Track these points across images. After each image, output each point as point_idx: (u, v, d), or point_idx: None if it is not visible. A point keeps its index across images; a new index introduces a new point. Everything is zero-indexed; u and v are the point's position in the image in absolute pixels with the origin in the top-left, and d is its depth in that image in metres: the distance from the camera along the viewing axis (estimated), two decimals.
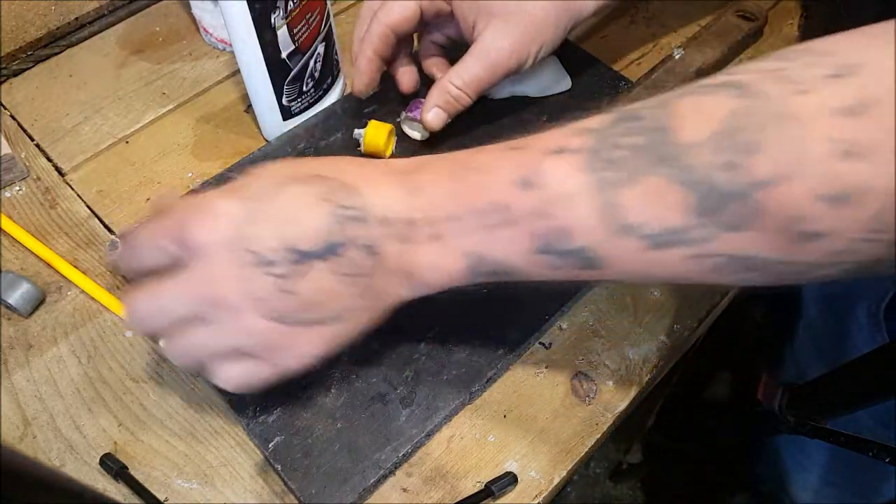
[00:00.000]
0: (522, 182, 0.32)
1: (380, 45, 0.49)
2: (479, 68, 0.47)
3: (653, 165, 0.29)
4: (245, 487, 0.42)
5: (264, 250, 0.32)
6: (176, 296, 0.34)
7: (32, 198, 0.54)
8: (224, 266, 0.32)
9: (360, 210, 0.33)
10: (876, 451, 0.49)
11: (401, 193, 0.34)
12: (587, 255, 0.32)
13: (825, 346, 0.64)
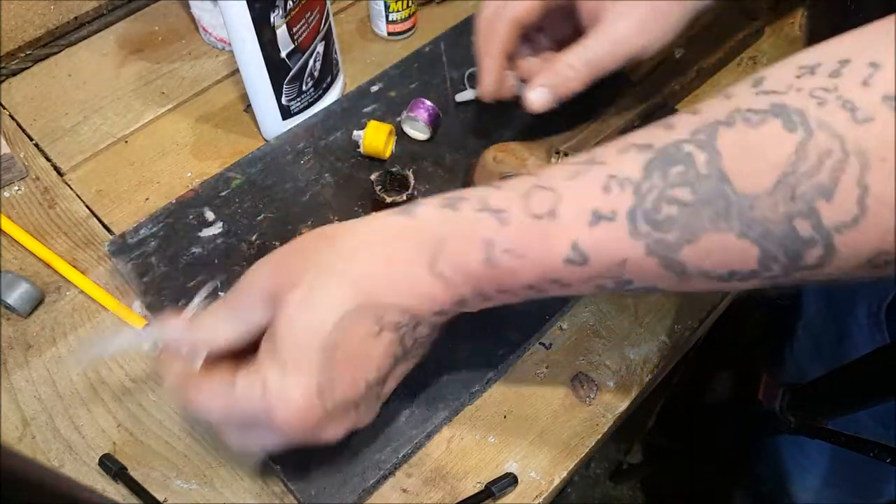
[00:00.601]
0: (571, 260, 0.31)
1: (507, 42, 0.47)
2: (599, 48, 0.44)
3: (715, 222, 0.27)
4: (244, 488, 0.42)
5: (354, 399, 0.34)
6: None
7: (31, 197, 0.54)
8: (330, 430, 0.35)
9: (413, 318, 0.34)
10: (876, 451, 0.49)
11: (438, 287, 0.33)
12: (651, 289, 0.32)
13: (825, 346, 0.63)
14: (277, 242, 0.49)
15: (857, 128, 0.25)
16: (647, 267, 0.30)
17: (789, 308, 0.71)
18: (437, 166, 0.53)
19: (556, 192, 0.31)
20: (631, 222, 0.29)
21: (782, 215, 0.26)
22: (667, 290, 0.33)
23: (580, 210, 0.30)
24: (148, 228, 0.50)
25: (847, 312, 0.61)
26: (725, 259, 0.28)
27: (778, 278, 0.28)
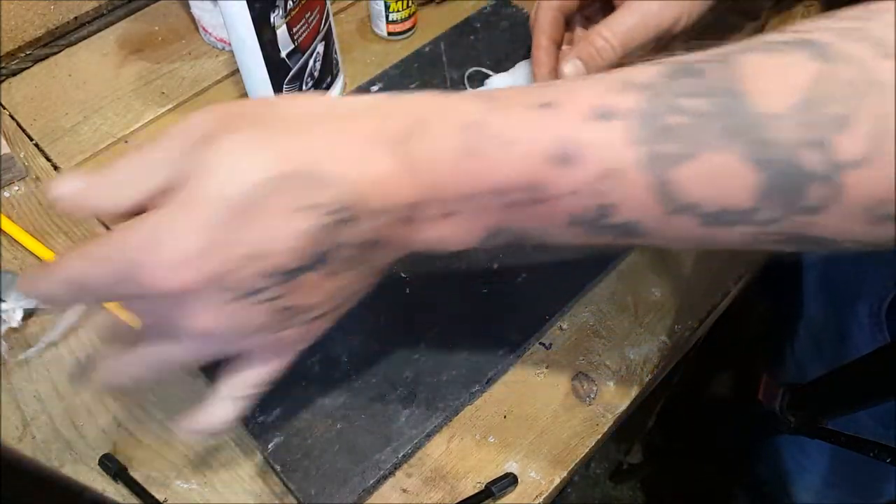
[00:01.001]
0: (558, 158, 0.27)
1: (552, 31, 0.47)
2: (632, 20, 0.44)
3: (721, 138, 0.25)
4: (244, 488, 0.42)
5: (245, 284, 0.27)
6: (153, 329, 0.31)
7: (31, 197, 0.54)
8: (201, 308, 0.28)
9: (348, 210, 0.27)
10: (877, 451, 0.49)
11: (398, 172, 0.27)
12: (631, 228, 0.28)
13: (826, 346, 0.63)
14: None
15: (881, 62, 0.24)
16: (634, 185, 0.26)
17: (790, 307, 0.71)
18: None
19: (561, 88, 0.28)
20: (632, 125, 0.26)
21: (793, 141, 0.24)
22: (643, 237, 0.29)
23: (581, 105, 0.27)
24: None
25: (848, 312, 0.61)
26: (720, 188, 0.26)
27: (770, 227, 0.26)
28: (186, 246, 0.26)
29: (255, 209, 0.26)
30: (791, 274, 0.71)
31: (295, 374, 0.43)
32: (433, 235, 0.30)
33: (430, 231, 0.30)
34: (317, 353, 0.44)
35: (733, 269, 0.51)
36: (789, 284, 0.72)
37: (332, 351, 0.45)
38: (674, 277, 0.50)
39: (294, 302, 0.29)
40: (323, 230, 0.27)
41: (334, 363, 0.44)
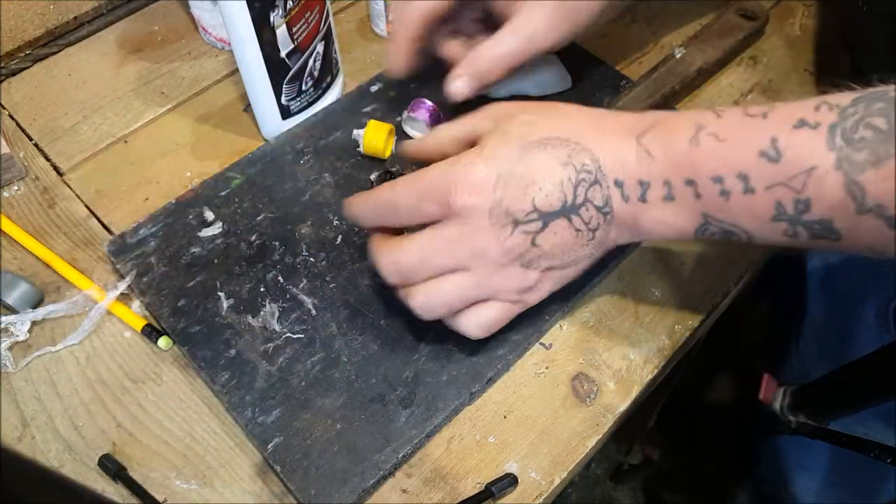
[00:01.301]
0: (766, 153, 0.33)
1: (415, 31, 0.50)
2: (514, 43, 0.47)
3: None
4: (244, 488, 0.42)
5: (518, 212, 0.37)
6: (443, 250, 0.38)
7: (31, 197, 0.54)
8: (485, 225, 0.37)
9: (596, 174, 0.36)
10: (877, 451, 0.49)
11: (636, 155, 0.36)
12: (826, 227, 0.33)
13: (831, 346, 0.63)
14: (277, 242, 0.49)
15: None
16: (828, 183, 0.31)
17: (794, 308, 0.71)
18: None
19: (772, 105, 0.34)
20: (830, 134, 0.31)
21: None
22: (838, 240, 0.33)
23: (788, 116, 0.33)
24: (147, 228, 0.49)
25: (854, 313, 0.61)
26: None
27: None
28: (485, 175, 0.37)
29: (532, 159, 0.37)
30: (793, 276, 0.71)
31: (295, 374, 0.43)
32: (655, 217, 0.37)
33: (653, 213, 0.37)
34: (316, 353, 0.44)
35: (733, 269, 0.51)
36: (792, 286, 0.72)
37: (332, 351, 0.45)
38: (674, 277, 0.50)
39: (542, 243, 0.37)
40: (574, 185, 0.36)
41: (334, 363, 0.44)
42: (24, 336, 0.46)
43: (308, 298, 0.47)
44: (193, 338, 0.45)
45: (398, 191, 0.39)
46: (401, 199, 0.39)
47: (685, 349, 0.50)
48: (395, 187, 0.40)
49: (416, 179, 0.39)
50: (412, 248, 0.39)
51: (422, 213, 0.39)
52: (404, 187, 0.39)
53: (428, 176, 0.38)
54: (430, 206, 0.38)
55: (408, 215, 0.40)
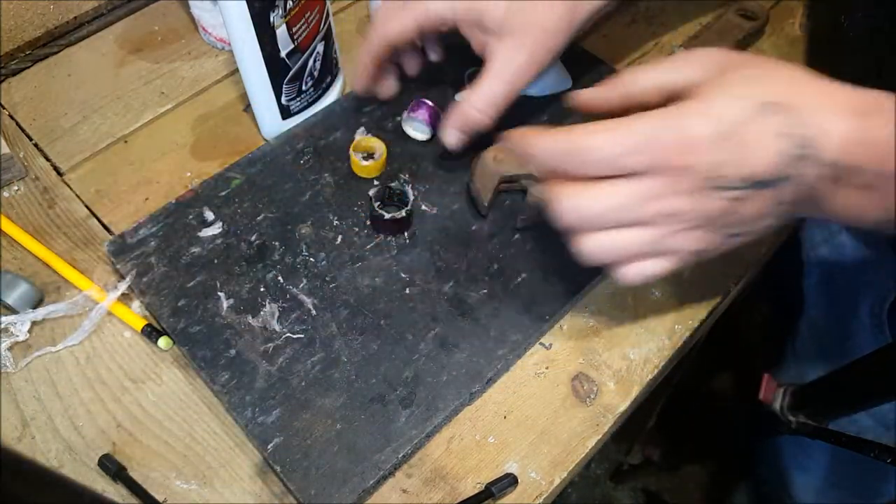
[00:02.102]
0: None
1: (376, 53, 0.51)
2: (499, 87, 0.47)
3: None
4: (244, 488, 0.42)
5: (723, 177, 0.35)
6: (634, 205, 0.36)
7: (31, 197, 0.54)
8: (687, 185, 0.35)
9: (810, 150, 0.34)
10: (877, 451, 0.49)
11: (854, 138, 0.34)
12: None
13: (828, 346, 0.63)
14: (277, 242, 0.49)
15: None
16: None
17: (791, 308, 0.71)
18: (437, 166, 0.53)
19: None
20: None
21: None
22: None
23: None
24: (147, 228, 0.49)
25: (850, 312, 0.61)
26: None
27: None
28: (704, 134, 0.34)
29: (753, 123, 0.34)
30: (792, 275, 0.71)
31: (295, 374, 0.43)
32: (849, 202, 0.36)
33: (848, 198, 0.36)
34: (316, 353, 0.44)
35: (733, 270, 0.51)
36: (790, 285, 0.72)
37: (332, 351, 0.45)
38: (674, 278, 0.50)
39: (740, 210, 0.36)
40: (789, 158, 0.34)
41: (334, 363, 0.44)
42: (24, 336, 0.46)
43: (308, 298, 0.47)
44: (193, 338, 0.45)
45: (599, 138, 0.36)
46: (602, 148, 0.36)
47: (685, 349, 0.50)
48: (594, 134, 0.36)
49: (622, 130, 0.36)
50: (600, 197, 0.36)
51: (621, 165, 0.36)
52: (608, 136, 0.36)
53: (638, 128, 0.35)
54: (634, 159, 0.35)
55: (603, 166, 0.36)
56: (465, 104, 0.49)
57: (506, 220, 0.51)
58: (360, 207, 0.51)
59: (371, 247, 0.49)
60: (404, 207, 0.49)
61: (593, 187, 0.37)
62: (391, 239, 0.49)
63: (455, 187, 0.52)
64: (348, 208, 0.51)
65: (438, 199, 0.52)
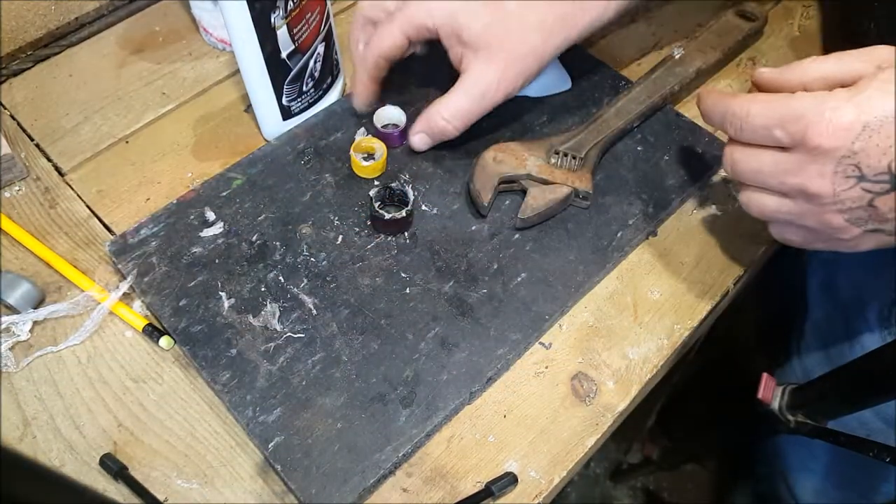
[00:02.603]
0: None
1: (374, 71, 0.52)
2: (467, 102, 0.49)
3: None
4: (245, 488, 0.42)
5: (868, 169, 0.36)
6: (773, 173, 0.40)
7: (32, 198, 0.54)
8: (828, 170, 0.37)
9: None
10: (876, 451, 0.49)
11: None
12: None
13: (834, 348, 0.63)
14: (278, 242, 0.49)
15: None
16: None
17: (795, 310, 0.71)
18: (437, 166, 0.53)
19: None
20: None
21: None
22: None
23: None
24: (149, 228, 0.50)
25: (856, 314, 0.61)
26: None
27: None
28: (851, 122, 0.36)
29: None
30: (795, 276, 0.71)
31: (295, 373, 0.44)
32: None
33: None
34: (317, 352, 0.45)
35: (732, 270, 0.51)
36: (793, 286, 0.72)
37: (333, 350, 0.45)
38: (673, 277, 0.50)
39: (880, 205, 0.37)
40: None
41: (335, 363, 0.44)
42: (25, 336, 0.46)
43: (309, 298, 0.47)
44: (194, 337, 0.45)
45: (755, 108, 0.39)
46: (755, 117, 0.39)
47: (684, 349, 0.50)
48: (753, 103, 0.40)
49: (776, 103, 0.39)
50: (750, 160, 0.41)
51: (770, 136, 0.39)
52: (763, 107, 0.39)
53: (791, 104, 0.38)
54: (782, 133, 0.38)
55: (753, 134, 0.40)
56: (432, 110, 0.50)
57: (506, 220, 0.51)
58: (360, 208, 0.51)
59: (371, 247, 0.49)
60: (404, 207, 0.49)
61: (747, 150, 0.41)
62: (391, 239, 0.50)
63: (455, 187, 0.52)
64: (349, 208, 0.51)
65: (438, 199, 0.52)
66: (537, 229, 0.50)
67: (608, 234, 0.50)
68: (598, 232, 0.50)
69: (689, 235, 0.52)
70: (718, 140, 0.55)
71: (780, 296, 0.82)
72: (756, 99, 0.40)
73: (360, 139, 0.53)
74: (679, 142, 0.55)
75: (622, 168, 0.54)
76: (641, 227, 0.51)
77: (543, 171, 0.51)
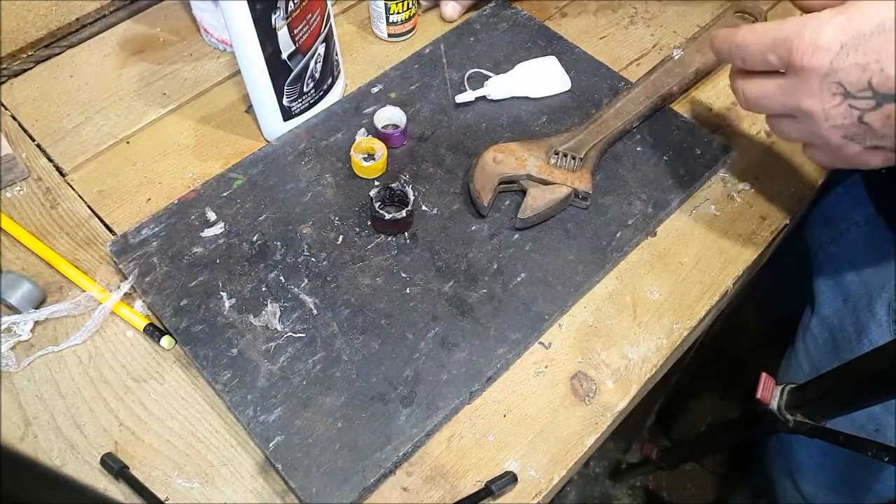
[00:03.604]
0: None
1: None
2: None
3: None
4: (246, 487, 0.42)
5: (851, 87, 0.38)
6: (775, 97, 0.42)
7: (33, 198, 0.54)
8: (815, 88, 0.39)
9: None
10: (874, 450, 0.49)
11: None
12: None
13: (844, 345, 0.63)
14: (278, 242, 0.49)
15: None
16: None
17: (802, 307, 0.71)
18: (437, 166, 0.54)
19: None
20: None
21: None
22: None
23: None
24: (150, 228, 0.50)
25: (865, 311, 0.61)
26: None
27: None
28: (829, 42, 0.38)
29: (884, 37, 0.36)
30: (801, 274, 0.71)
31: (296, 373, 0.44)
32: None
33: None
34: (318, 352, 0.45)
35: (731, 270, 0.51)
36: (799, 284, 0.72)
37: (333, 350, 0.45)
38: (672, 277, 0.50)
39: (869, 119, 0.39)
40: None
41: (335, 362, 0.44)
42: (26, 336, 0.47)
43: (309, 298, 0.47)
44: (195, 337, 0.45)
45: (751, 36, 0.42)
46: (751, 44, 0.42)
47: (683, 348, 0.50)
48: (748, 34, 0.42)
49: (769, 30, 0.41)
50: (756, 88, 0.43)
51: (765, 62, 0.42)
52: (758, 35, 0.42)
53: (779, 29, 0.40)
54: (772, 57, 0.41)
55: (752, 62, 0.43)
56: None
57: (506, 220, 0.51)
58: (360, 208, 0.51)
59: (372, 247, 0.50)
60: (405, 208, 0.49)
61: (751, 79, 0.44)
62: (391, 239, 0.50)
63: (455, 187, 0.53)
64: (349, 209, 0.51)
65: (438, 199, 0.52)
66: (537, 229, 0.51)
67: (607, 234, 0.50)
68: (597, 232, 0.51)
69: (689, 235, 0.52)
70: (718, 140, 0.55)
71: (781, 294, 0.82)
72: (753, 28, 0.42)
73: (360, 139, 0.53)
74: (678, 142, 0.55)
75: (622, 168, 0.54)
76: (641, 227, 0.51)
77: (543, 172, 0.51)
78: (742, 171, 0.56)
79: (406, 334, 0.46)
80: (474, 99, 0.56)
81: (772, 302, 0.89)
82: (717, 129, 0.58)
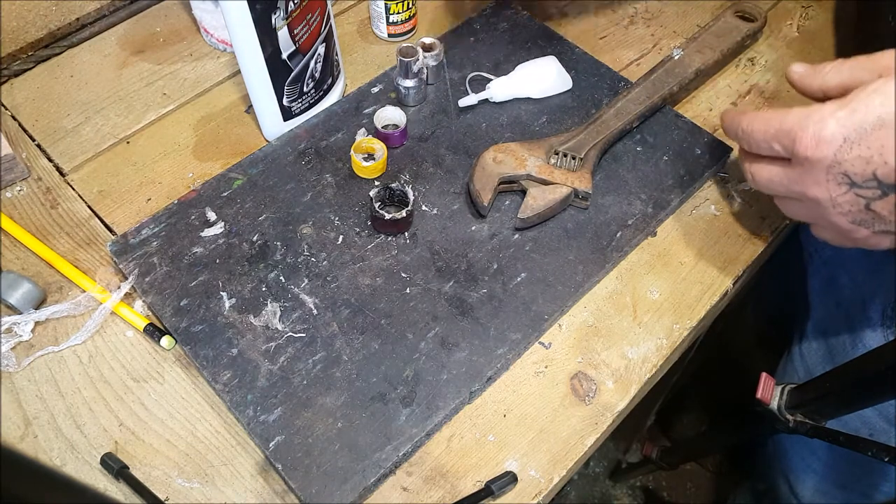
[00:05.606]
0: None
1: None
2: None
3: None
4: (246, 487, 0.42)
5: (856, 177, 0.39)
6: (781, 182, 0.43)
7: (33, 198, 0.54)
8: (821, 178, 0.40)
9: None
10: (875, 450, 0.49)
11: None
12: None
13: (838, 349, 0.63)
14: (279, 242, 0.49)
15: None
16: None
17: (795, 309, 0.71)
18: (437, 167, 0.54)
19: None
20: None
21: None
22: None
23: None
24: (150, 228, 0.50)
25: (859, 314, 0.61)
26: None
27: None
28: (832, 134, 0.38)
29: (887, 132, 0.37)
30: (795, 276, 0.71)
31: (296, 373, 0.44)
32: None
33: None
34: (318, 352, 0.45)
35: (731, 270, 0.51)
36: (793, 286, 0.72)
37: (333, 350, 0.45)
38: (672, 277, 0.50)
39: (878, 208, 0.39)
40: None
41: (335, 362, 0.44)
42: (27, 336, 0.47)
43: (309, 298, 0.47)
44: (196, 337, 0.45)
45: (756, 124, 0.43)
46: (756, 133, 0.43)
47: (683, 348, 0.50)
48: (754, 121, 0.43)
49: (773, 119, 0.42)
50: (763, 172, 0.44)
51: (771, 149, 0.43)
52: (761, 124, 0.43)
53: (783, 120, 0.41)
54: (779, 146, 0.42)
55: (759, 147, 0.44)
56: None
57: (505, 221, 0.51)
58: (360, 208, 0.51)
59: (372, 247, 0.50)
60: (405, 208, 0.49)
61: (759, 163, 0.45)
62: (391, 239, 0.50)
63: (455, 187, 0.53)
64: (349, 209, 0.51)
65: (438, 199, 0.52)
66: (537, 229, 0.51)
67: (607, 234, 0.50)
68: (597, 232, 0.51)
69: (688, 235, 0.52)
70: (717, 140, 0.55)
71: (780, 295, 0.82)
72: (758, 116, 0.43)
73: (360, 139, 0.53)
74: (678, 142, 0.55)
75: (622, 168, 0.54)
76: (641, 227, 0.51)
77: (543, 172, 0.51)
78: (742, 171, 0.56)
79: (406, 334, 0.46)
80: (476, 102, 0.57)
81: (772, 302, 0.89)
82: (717, 128, 0.58)
